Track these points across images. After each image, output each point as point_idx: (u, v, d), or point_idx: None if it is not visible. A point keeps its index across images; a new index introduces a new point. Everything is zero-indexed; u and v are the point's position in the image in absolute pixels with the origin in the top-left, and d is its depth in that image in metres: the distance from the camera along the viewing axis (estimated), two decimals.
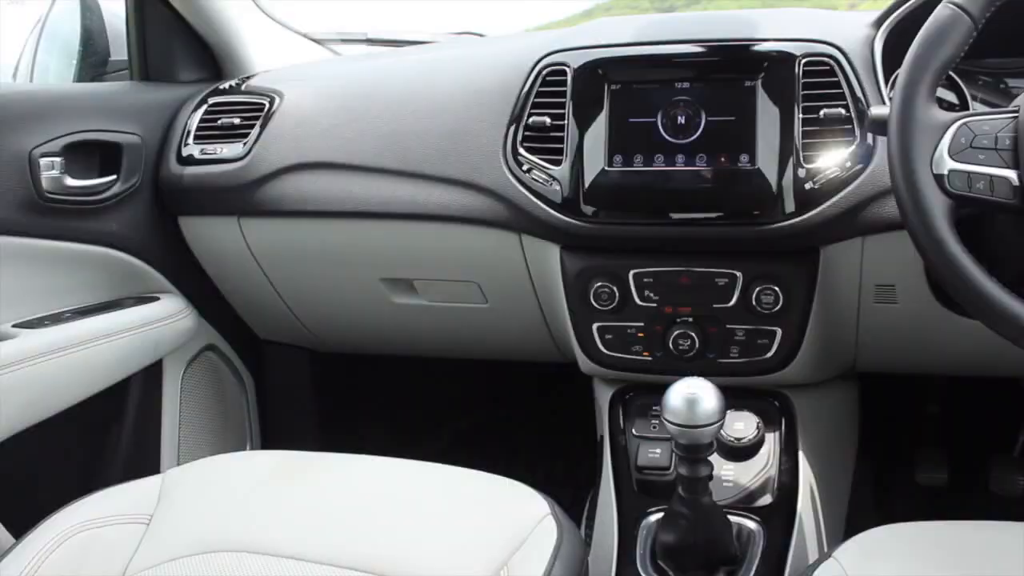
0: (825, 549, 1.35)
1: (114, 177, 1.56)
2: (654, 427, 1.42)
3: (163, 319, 1.65)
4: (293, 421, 2.02)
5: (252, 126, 1.59)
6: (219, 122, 1.62)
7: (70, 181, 1.49)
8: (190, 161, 1.61)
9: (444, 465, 1.23)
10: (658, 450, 1.39)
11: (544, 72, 1.38)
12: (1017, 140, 0.98)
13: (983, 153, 0.98)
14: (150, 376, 1.69)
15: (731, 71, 1.30)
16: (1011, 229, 1.07)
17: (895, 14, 1.31)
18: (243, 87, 1.71)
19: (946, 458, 1.94)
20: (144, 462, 1.68)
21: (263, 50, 1.86)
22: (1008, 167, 0.97)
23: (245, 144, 1.58)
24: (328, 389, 2.06)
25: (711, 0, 3.22)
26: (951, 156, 0.98)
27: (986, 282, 0.96)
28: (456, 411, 2.20)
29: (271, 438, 1.98)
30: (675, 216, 1.31)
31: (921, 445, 1.97)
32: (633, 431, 1.44)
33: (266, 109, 1.61)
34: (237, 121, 1.61)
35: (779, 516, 1.32)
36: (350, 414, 2.11)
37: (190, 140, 1.62)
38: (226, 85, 1.73)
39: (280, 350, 1.94)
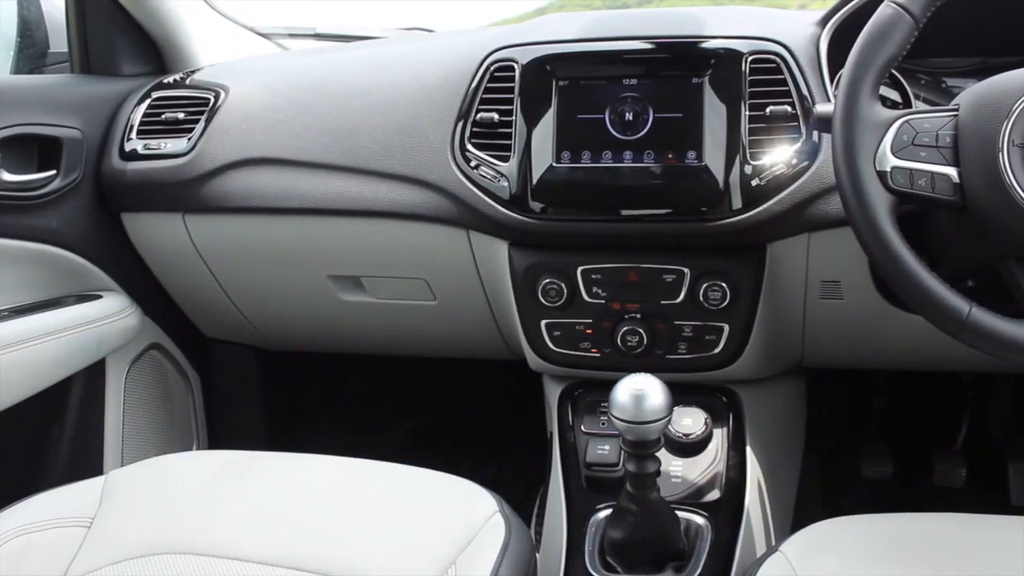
0: (773, 543, 1.36)
1: (53, 172, 1.53)
2: (603, 423, 1.42)
3: (105, 317, 1.62)
4: (241, 420, 2.00)
5: (197, 121, 1.57)
6: (163, 117, 1.60)
7: (7, 176, 1.45)
8: (133, 156, 1.58)
9: (392, 463, 1.22)
10: (607, 446, 1.39)
11: (492, 68, 1.37)
12: (957, 138, 0.99)
13: (924, 150, 0.99)
14: (92, 376, 1.66)
15: (678, 68, 1.31)
16: (951, 225, 1.08)
17: (840, 13, 1.32)
18: (188, 81, 1.68)
19: (891, 452, 1.97)
20: (86, 464, 1.65)
21: (208, 44, 1.84)
22: (949, 164, 0.99)
23: (190, 139, 1.55)
24: (276, 388, 2.04)
25: None
26: (894, 153, 0.99)
27: (927, 277, 0.98)
28: (406, 409, 2.19)
29: (218, 438, 1.95)
30: (623, 212, 1.31)
31: (866, 439, 2.01)
32: (582, 428, 1.44)
33: (211, 104, 1.58)
34: (181, 116, 1.59)
35: (727, 511, 1.33)
36: (299, 413, 2.09)
37: (133, 135, 1.60)
38: (170, 79, 1.70)
39: (227, 348, 1.92)
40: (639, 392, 1.09)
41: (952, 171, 0.99)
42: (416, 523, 1.11)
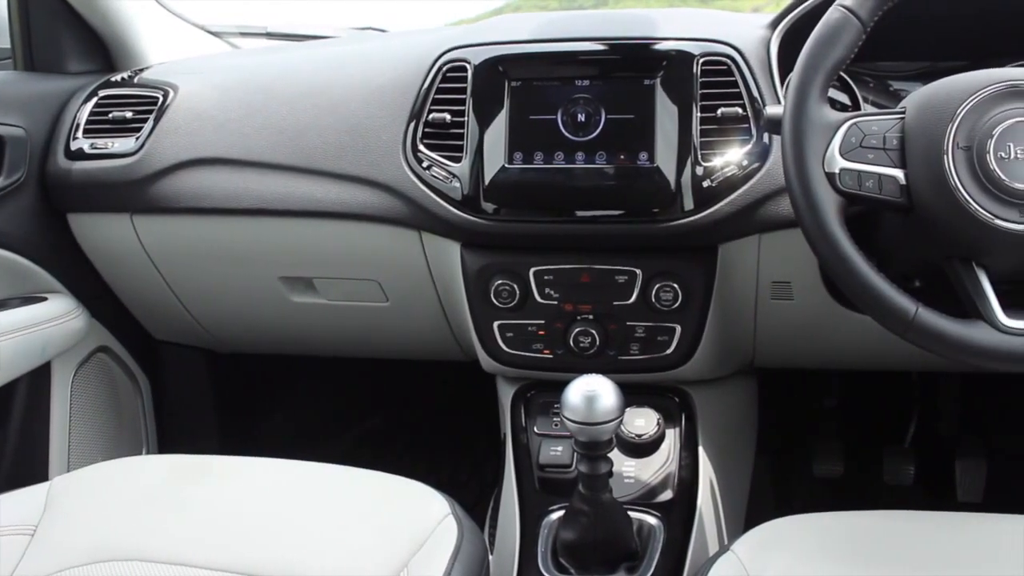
0: (725, 542, 1.37)
1: None
2: (556, 425, 1.42)
3: (51, 320, 1.59)
4: (191, 424, 1.97)
5: (145, 120, 1.55)
6: (110, 115, 1.57)
7: None
8: (79, 156, 1.55)
9: (344, 466, 1.22)
10: (560, 448, 1.39)
11: (444, 68, 1.37)
12: (904, 140, 1.00)
13: (872, 152, 1.00)
14: (37, 379, 1.63)
15: (630, 69, 1.31)
16: (898, 226, 1.10)
17: (790, 16, 1.33)
18: (136, 79, 1.66)
19: (841, 450, 1.99)
20: (31, 470, 1.62)
21: (158, 42, 1.81)
22: (896, 166, 1.00)
23: (138, 138, 1.53)
24: (228, 391, 2.02)
25: (618, 1, 3.24)
26: (842, 155, 1.00)
27: (874, 278, 0.99)
28: (360, 411, 2.18)
29: (169, 442, 1.92)
30: (575, 213, 1.31)
31: (818, 438, 2.03)
32: (535, 429, 1.44)
33: (160, 102, 1.56)
34: (129, 115, 1.56)
35: (679, 511, 1.34)
36: (251, 416, 2.07)
37: (79, 134, 1.57)
38: (118, 77, 1.68)
39: (176, 351, 1.89)
40: (591, 393, 1.09)
41: (899, 173, 1.00)
42: (368, 526, 1.10)
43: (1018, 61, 1.27)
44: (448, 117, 1.35)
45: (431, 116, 1.36)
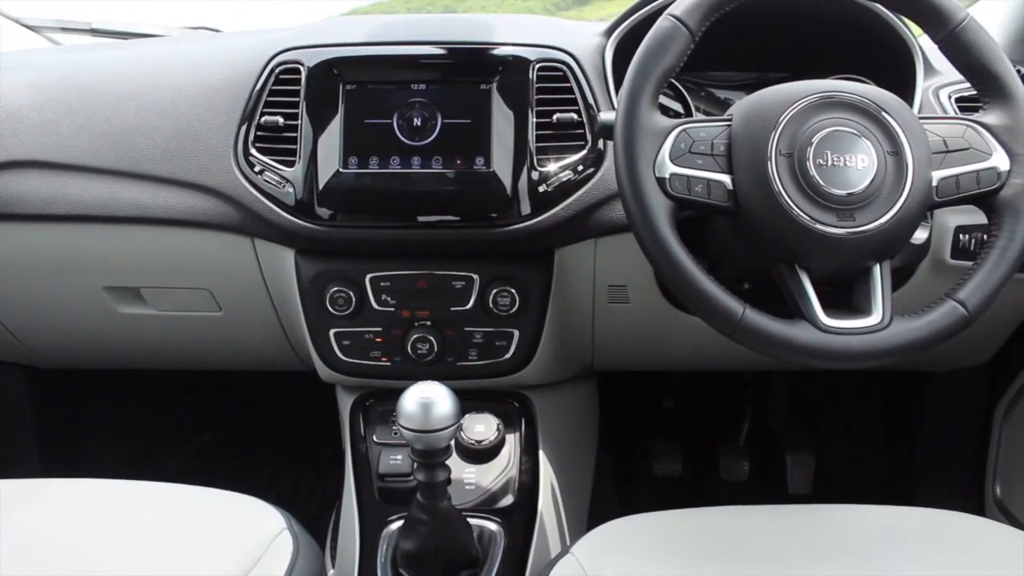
0: (568, 544, 1.38)
1: None
2: (395, 433, 1.40)
3: None
4: (10, 447, 1.86)
5: None
6: None
7: None
8: None
9: (174, 484, 1.18)
10: (399, 456, 1.37)
11: (277, 70, 1.33)
12: (731, 147, 1.03)
13: (701, 158, 1.03)
14: None
15: (466, 74, 1.31)
16: (727, 230, 1.13)
17: (624, 24, 1.36)
18: None
19: (680, 449, 2.05)
20: None
21: None
22: (723, 172, 1.03)
23: None
24: (51, 409, 1.91)
25: (467, 7, 3.25)
26: (672, 160, 1.03)
27: (703, 280, 1.01)
28: (196, 426, 2.10)
29: None
30: (411, 219, 1.30)
31: (657, 438, 2.08)
32: (374, 438, 1.42)
33: None
34: None
35: (520, 516, 1.34)
36: (77, 435, 1.96)
37: None
38: None
39: None
40: (426, 400, 1.08)
41: (726, 178, 1.03)
42: (199, 546, 1.07)
43: (836, 74, 1.34)
44: (281, 120, 1.31)
45: (263, 119, 1.32)
